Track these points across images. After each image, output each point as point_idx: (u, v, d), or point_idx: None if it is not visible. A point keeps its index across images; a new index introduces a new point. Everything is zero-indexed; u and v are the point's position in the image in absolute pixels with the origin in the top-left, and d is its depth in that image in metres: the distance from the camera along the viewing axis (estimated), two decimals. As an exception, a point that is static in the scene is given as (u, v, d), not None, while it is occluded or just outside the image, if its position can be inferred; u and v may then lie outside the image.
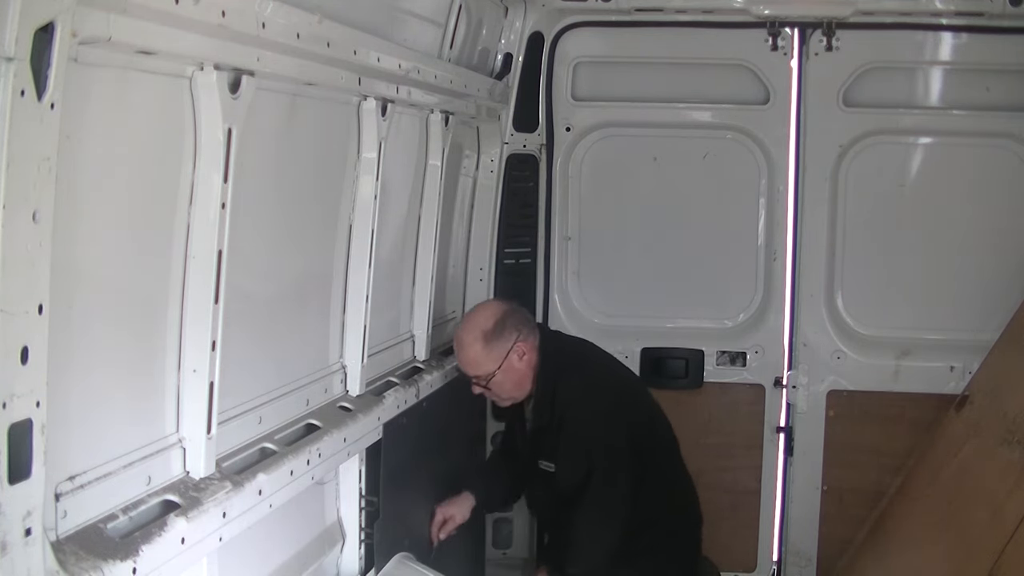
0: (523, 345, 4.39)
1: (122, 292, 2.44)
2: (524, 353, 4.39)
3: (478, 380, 4.40)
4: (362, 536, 3.87)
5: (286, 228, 3.31)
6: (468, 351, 4.37)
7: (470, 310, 4.73)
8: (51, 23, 1.80)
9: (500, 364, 4.33)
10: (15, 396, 1.84)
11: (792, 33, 5.31)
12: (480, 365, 4.36)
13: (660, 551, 4.47)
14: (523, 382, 4.43)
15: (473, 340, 4.36)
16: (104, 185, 2.30)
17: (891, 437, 5.43)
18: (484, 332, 4.35)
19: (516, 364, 4.38)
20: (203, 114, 2.56)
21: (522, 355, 4.38)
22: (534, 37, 5.34)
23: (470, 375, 4.42)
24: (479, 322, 4.41)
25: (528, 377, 4.43)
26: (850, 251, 5.47)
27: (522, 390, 4.47)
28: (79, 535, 2.24)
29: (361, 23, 3.30)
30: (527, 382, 4.44)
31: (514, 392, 4.46)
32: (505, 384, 4.40)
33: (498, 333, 4.35)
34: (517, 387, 4.45)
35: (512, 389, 4.44)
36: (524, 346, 4.39)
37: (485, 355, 4.34)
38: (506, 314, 4.43)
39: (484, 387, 4.41)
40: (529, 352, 4.41)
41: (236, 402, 2.99)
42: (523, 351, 4.39)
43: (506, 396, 4.48)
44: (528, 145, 5.47)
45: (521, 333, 4.40)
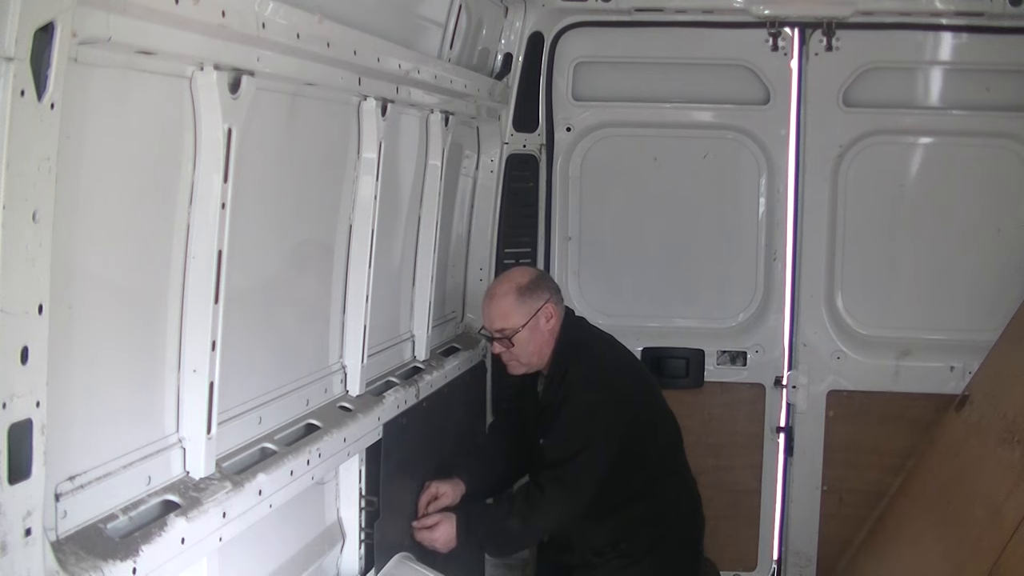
0: (552, 308, 4.38)
1: (122, 292, 2.44)
2: (552, 316, 4.37)
3: (503, 333, 4.34)
4: (362, 536, 3.87)
5: (286, 228, 3.31)
6: (500, 302, 4.35)
7: (504, 271, 4.76)
8: (51, 23, 1.80)
9: (528, 320, 4.30)
10: (15, 396, 1.84)
11: (792, 33, 5.31)
12: (508, 317, 4.33)
13: (662, 549, 4.45)
14: (543, 348, 4.39)
15: (507, 291, 4.36)
16: (104, 185, 2.31)
17: (891, 437, 5.43)
18: (519, 286, 4.36)
19: (543, 325, 4.35)
20: (203, 114, 2.56)
21: (549, 317, 4.36)
22: (534, 37, 5.34)
23: (495, 329, 4.36)
24: (514, 277, 4.45)
25: (549, 345, 4.39)
26: (850, 251, 5.47)
27: (540, 357, 4.41)
28: (79, 535, 2.24)
29: (361, 23, 3.30)
30: (547, 349, 4.40)
31: (533, 357, 4.40)
32: (528, 345, 4.35)
33: (532, 290, 4.36)
34: (537, 351, 4.39)
35: (532, 353, 4.39)
36: (553, 309, 4.38)
37: (516, 308, 4.32)
38: (541, 276, 4.51)
39: (507, 344, 4.35)
40: (555, 318, 4.39)
41: (236, 402, 2.99)
42: (551, 313, 4.37)
43: (525, 359, 4.41)
44: (528, 145, 5.47)
45: (552, 297, 4.41)
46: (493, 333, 4.39)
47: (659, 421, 4.57)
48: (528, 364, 4.44)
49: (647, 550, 4.40)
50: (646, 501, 4.41)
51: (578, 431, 4.26)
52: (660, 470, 4.50)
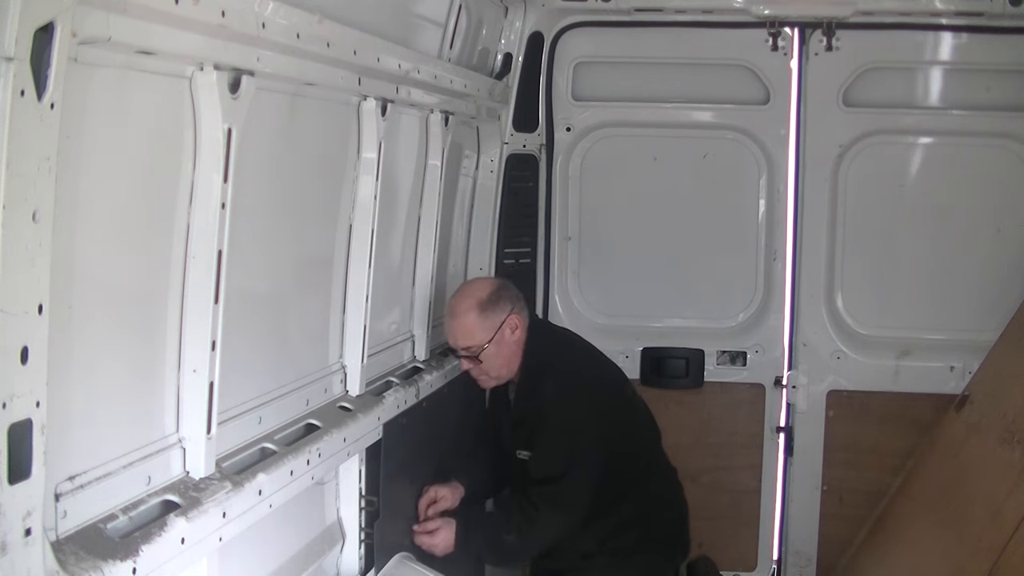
0: (516, 319, 4.33)
1: (122, 292, 2.44)
2: (516, 327, 4.33)
3: (470, 351, 4.30)
4: (362, 536, 3.87)
5: (286, 228, 3.31)
6: (463, 320, 4.29)
7: (464, 283, 4.71)
8: (51, 23, 1.80)
9: (493, 335, 4.26)
10: (15, 396, 1.84)
11: (792, 33, 5.31)
12: (473, 335, 4.28)
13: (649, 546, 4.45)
14: (512, 359, 4.36)
15: (468, 308, 4.29)
16: (104, 185, 2.30)
17: (891, 437, 5.43)
18: (480, 301, 4.29)
19: (508, 337, 4.31)
20: (203, 114, 2.56)
21: (514, 328, 4.32)
22: (534, 37, 5.34)
23: (461, 347, 4.33)
24: (474, 292, 4.36)
25: (516, 356, 4.36)
26: (850, 251, 5.47)
27: (510, 368, 4.39)
28: (79, 535, 2.24)
29: (361, 23, 3.30)
30: (516, 360, 4.37)
31: (502, 369, 4.38)
32: (495, 359, 4.32)
33: (493, 303, 4.29)
34: (506, 363, 4.36)
35: (501, 365, 4.36)
36: (517, 320, 4.33)
37: (479, 324, 4.27)
38: (501, 287, 4.41)
39: (475, 360, 4.32)
40: (521, 328, 4.35)
41: (236, 402, 2.99)
42: (516, 324, 4.33)
43: (494, 373, 4.39)
44: (528, 145, 5.47)
45: (515, 307, 4.36)
46: (460, 351, 4.36)
47: (638, 420, 4.58)
48: (498, 377, 4.43)
49: (634, 548, 4.41)
50: (632, 501, 4.41)
51: (564, 447, 4.25)
52: (644, 469, 4.51)
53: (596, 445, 4.25)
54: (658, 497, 4.54)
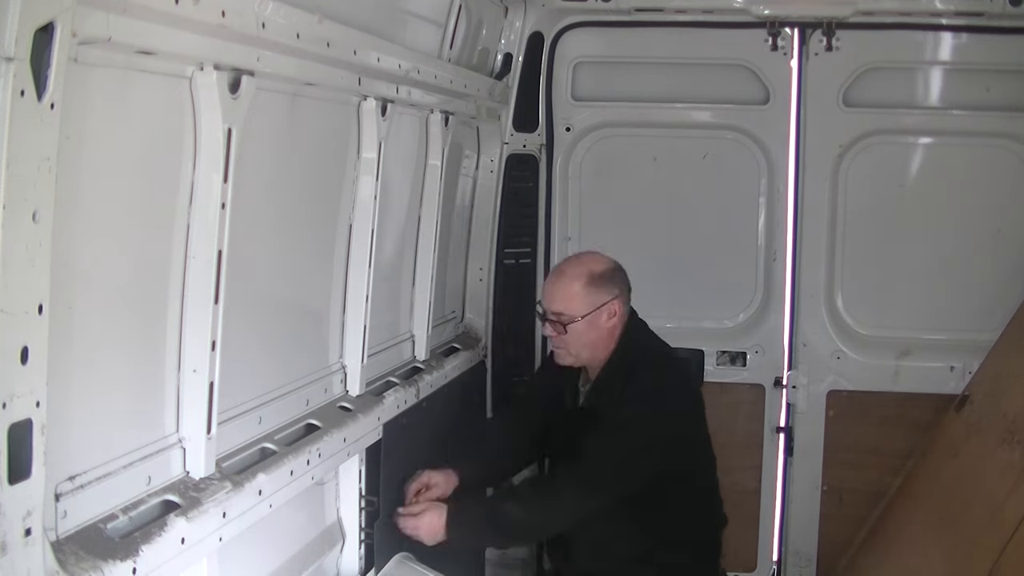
0: (618, 306, 4.09)
1: (122, 292, 2.44)
2: (615, 315, 4.09)
3: (559, 318, 4.05)
4: (362, 536, 3.87)
5: (286, 228, 3.31)
6: (567, 285, 4.06)
7: (581, 252, 4.48)
8: (51, 23, 1.80)
9: (590, 312, 4.02)
10: (15, 396, 1.84)
11: (792, 33, 5.30)
12: (571, 303, 4.04)
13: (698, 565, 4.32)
14: (597, 345, 4.11)
15: (578, 275, 4.07)
16: (104, 185, 2.30)
17: (891, 437, 5.43)
18: (592, 273, 4.07)
19: (603, 322, 4.07)
20: (203, 114, 2.56)
21: (612, 315, 4.08)
22: (534, 37, 5.34)
23: (553, 311, 4.07)
24: (590, 263, 4.14)
25: (604, 343, 4.11)
26: (850, 251, 5.47)
27: (592, 353, 4.13)
28: (79, 535, 2.24)
29: (361, 23, 3.30)
30: (601, 348, 4.11)
31: (583, 351, 4.12)
32: (582, 337, 4.06)
33: (604, 281, 4.07)
34: (590, 346, 4.11)
35: (584, 346, 4.10)
36: (618, 307, 4.09)
37: (582, 296, 4.03)
38: (617, 269, 4.18)
39: (560, 330, 4.06)
40: (619, 317, 4.11)
41: (236, 402, 2.99)
42: (615, 311, 4.08)
43: (574, 351, 4.12)
44: (528, 145, 5.47)
45: (622, 296, 4.12)
46: (549, 314, 4.10)
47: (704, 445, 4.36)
48: (577, 357, 4.16)
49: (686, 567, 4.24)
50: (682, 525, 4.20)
51: (621, 440, 3.98)
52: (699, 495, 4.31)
53: (651, 450, 3.99)
54: (705, 522, 4.37)
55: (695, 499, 4.27)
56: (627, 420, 4.01)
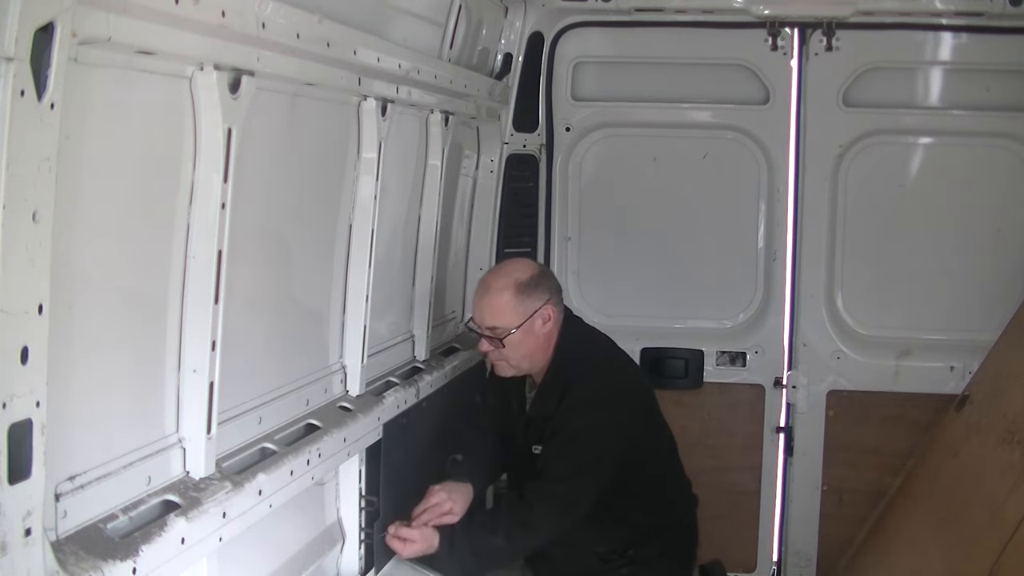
0: (551, 310, 4.06)
1: (122, 292, 2.44)
2: (549, 319, 4.06)
3: (494, 333, 4.01)
4: (362, 536, 3.87)
5: (286, 228, 3.31)
6: (495, 298, 4.01)
7: (503, 261, 4.45)
8: (51, 23, 1.80)
9: (523, 321, 3.99)
10: (15, 396, 1.84)
11: (792, 33, 5.30)
12: (503, 316, 4.00)
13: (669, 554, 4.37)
14: (536, 352, 4.09)
15: (504, 287, 4.01)
16: (104, 185, 2.31)
17: (891, 437, 5.43)
18: (518, 282, 4.02)
19: (538, 328, 4.03)
20: (203, 114, 2.56)
21: (547, 320, 4.05)
22: (534, 37, 5.34)
23: (486, 326, 4.04)
24: (514, 271, 4.09)
25: (543, 349, 4.10)
26: (850, 251, 5.47)
27: (532, 362, 4.12)
28: (79, 535, 2.24)
29: (361, 23, 3.30)
30: (540, 354, 4.10)
31: (523, 361, 4.10)
32: (520, 348, 4.03)
33: (531, 288, 4.02)
34: (529, 356, 4.09)
35: (524, 356, 4.08)
36: (552, 311, 4.06)
37: (512, 307, 3.99)
38: (542, 273, 4.15)
39: (497, 344, 4.03)
40: (554, 322, 4.08)
41: (236, 402, 2.99)
42: (549, 316, 4.05)
43: (514, 363, 4.10)
44: (528, 145, 5.47)
45: (552, 297, 4.08)
46: (483, 330, 4.06)
47: (659, 432, 4.43)
48: (517, 367, 4.14)
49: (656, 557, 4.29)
50: (652, 511, 4.27)
51: (577, 451, 4.01)
52: (663, 479, 4.39)
53: (609, 457, 4.03)
54: (675, 506, 4.44)
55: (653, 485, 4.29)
56: (578, 432, 4.01)
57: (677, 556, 4.46)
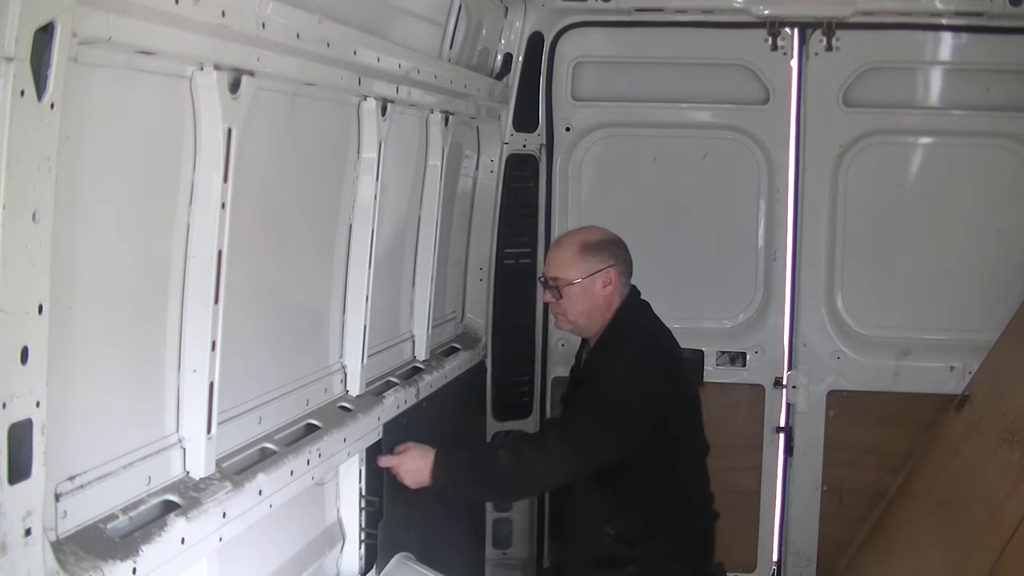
0: (613, 275, 4.25)
1: (122, 292, 2.44)
2: (609, 283, 4.25)
3: (555, 282, 4.27)
4: (362, 536, 3.86)
5: (286, 228, 3.31)
6: (563, 251, 4.32)
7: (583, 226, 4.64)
8: (51, 23, 1.80)
9: (583, 277, 4.22)
10: (15, 396, 1.84)
11: (792, 33, 5.30)
12: (565, 268, 4.26)
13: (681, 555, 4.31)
14: (593, 312, 4.27)
15: (572, 243, 4.32)
16: (104, 185, 2.30)
17: (891, 437, 5.43)
18: (586, 242, 4.28)
19: (596, 289, 4.24)
20: (203, 114, 2.56)
21: (606, 284, 4.25)
22: (534, 37, 5.34)
23: (550, 275, 4.30)
24: (586, 233, 4.38)
25: (601, 312, 4.27)
26: (850, 251, 5.47)
27: (589, 321, 4.29)
28: (79, 535, 2.24)
29: (361, 23, 3.30)
30: (597, 316, 4.28)
31: (580, 317, 4.28)
32: (576, 302, 4.25)
33: (597, 250, 4.26)
34: (586, 313, 4.27)
35: (580, 312, 4.27)
36: (613, 277, 4.25)
37: (575, 261, 4.24)
38: (613, 242, 4.34)
39: (556, 295, 4.27)
40: (614, 289, 4.27)
41: (236, 402, 2.99)
42: (609, 281, 4.25)
43: (571, 316, 4.29)
44: (528, 145, 5.47)
45: (618, 267, 4.28)
46: (548, 279, 4.32)
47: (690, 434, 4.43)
48: (574, 323, 4.33)
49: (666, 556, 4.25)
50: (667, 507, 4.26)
51: (600, 395, 4.11)
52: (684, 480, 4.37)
53: (632, 416, 4.08)
54: (692, 511, 4.41)
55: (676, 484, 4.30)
56: (606, 382, 4.14)
57: (690, 557, 4.40)
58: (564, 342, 5.70)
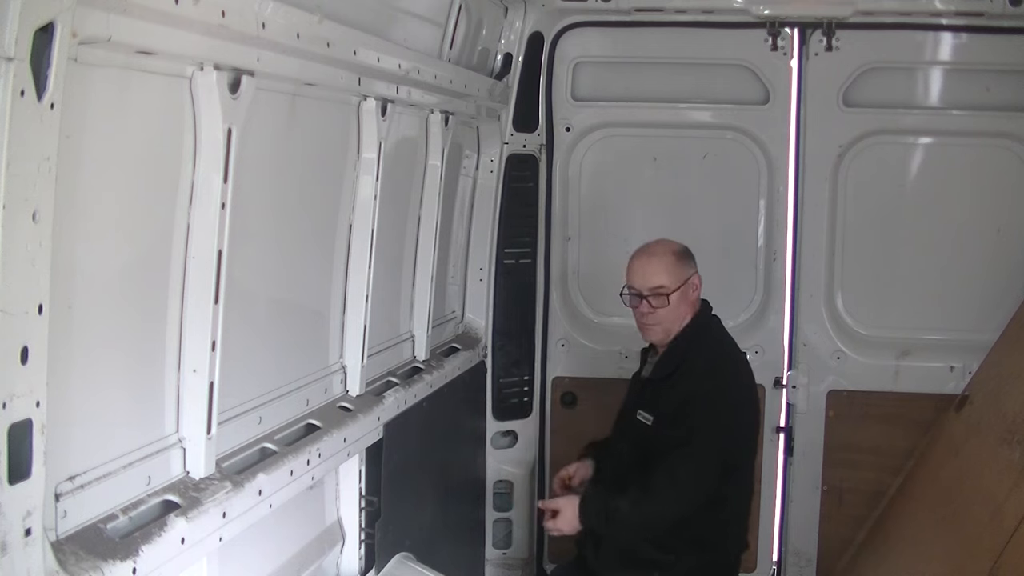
0: (698, 280, 4.37)
1: (122, 292, 2.44)
2: (696, 288, 4.36)
3: (660, 291, 4.26)
4: (362, 536, 3.87)
5: (286, 228, 3.31)
6: (661, 259, 4.33)
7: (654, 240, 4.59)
8: (51, 23, 1.81)
9: (681, 284, 4.28)
10: (15, 396, 1.84)
11: (792, 33, 5.31)
12: (667, 276, 4.28)
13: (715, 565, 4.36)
14: (683, 318, 4.33)
15: (666, 252, 4.35)
16: (104, 185, 2.31)
17: (891, 437, 5.43)
18: (676, 250, 4.36)
19: (690, 294, 4.33)
20: (203, 114, 2.56)
21: (695, 288, 4.35)
22: (534, 37, 5.34)
23: (652, 286, 4.27)
24: (669, 243, 4.42)
25: (686, 317, 4.33)
26: (850, 251, 5.47)
27: (680, 325, 4.33)
28: (79, 535, 2.24)
29: (361, 23, 3.30)
30: (683, 322, 4.33)
31: (674, 324, 4.32)
32: (676, 309, 4.29)
33: (686, 257, 4.37)
34: (679, 319, 4.32)
35: (676, 319, 4.31)
36: (698, 281, 4.37)
37: (674, 268, 4.30)
38: (689, 252, 4.43)
39: (663, 303, 4.26)
40: (698, 291, 4.38)
41: (236, 402, 2.99)
42: (696, 285, 4.36)
43: (667, 323, 4.30)
44: (528, 145, 5.47)
45: (697, 271, 4.39)
46: (646, 291, 4.28)
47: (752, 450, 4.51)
48: (668, 330, 4.34)
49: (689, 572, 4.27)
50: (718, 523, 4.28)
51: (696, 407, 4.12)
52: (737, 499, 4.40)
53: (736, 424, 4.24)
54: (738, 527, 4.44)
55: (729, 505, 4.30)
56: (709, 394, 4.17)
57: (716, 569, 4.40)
58: (564, 342, 5.70)
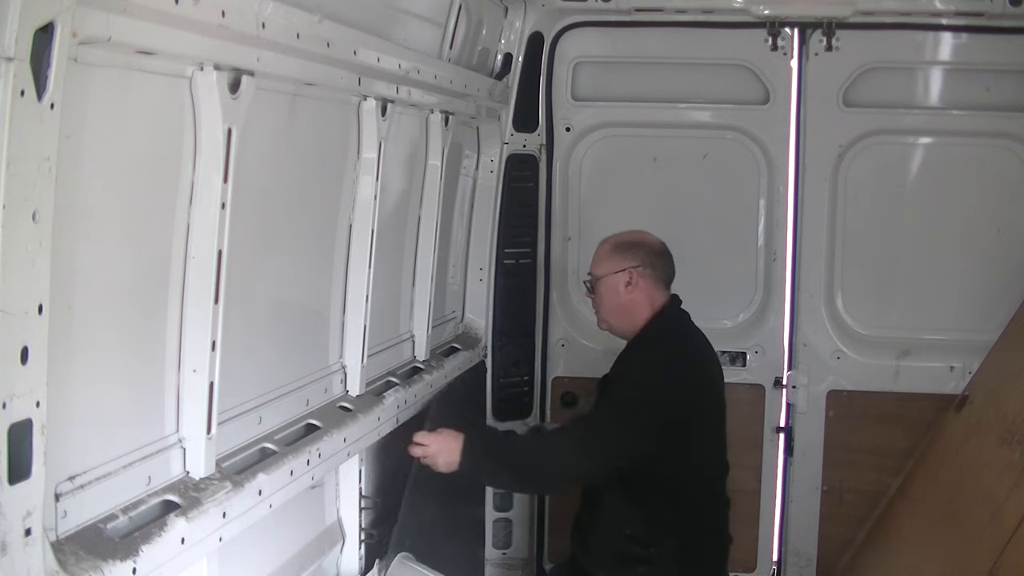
0: (636, 276, 4.32)
1: (122, 292, 2.44)
2: (631, 283, 4.32)
3: (589, 277, 4.49)
4: (362, 536, 3.87)
5: (286, 228, 3.31)
6: (600, 248, 4.49)
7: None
8: (51, 23, 1.80)
9: (608, 274, 4.35)
10: (15, 396, 1.84)
11: (792, 33, 5.31)
12: (598, 264, 4.44)
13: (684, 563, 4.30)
14: (620, 313, 4.38)
15: (608, 241, 4.47)
16: (104, 185, 2.30)
17: (891, 437, 5.43)
18: (618, 241, 4.43)
19: (619, 287, 4.34)
20: (203, 114, 2.56)
21: (628, 283, 4.33)
22: (534, 37, 5.34)
23: (588, 271, 4.52)
24: (626, 234, 4.49)
25: (628, 313, 4.36)
26: (850, 251, 5.47)
27: (618, 321, 4.40)
28: (79, 535, 2.24)
29: (361, 23, 3.30)
30: (625, 317, 4.37)
31: (608, 315, 4.42)
32: (605, 299, 4.40)
33: (625, 249, 4.38)
34: (614, 313, 4.40)
35: (610, 312, 4.41)
36: (637, 278, 4.32)
37: (604, 258, 4.41)
38: (646, 247, 4.40)
39: (589, 289, 4.49)
40: (639, 290, 4.34)
41: (236, 402, 2.99)
42: (632, 280, 4.32)
43: (603, 315, 4.44)
44: (528, 145, 5.47)
45: (644, 270, 4.34)
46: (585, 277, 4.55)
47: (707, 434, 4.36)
48: (607, 322, 4.46)
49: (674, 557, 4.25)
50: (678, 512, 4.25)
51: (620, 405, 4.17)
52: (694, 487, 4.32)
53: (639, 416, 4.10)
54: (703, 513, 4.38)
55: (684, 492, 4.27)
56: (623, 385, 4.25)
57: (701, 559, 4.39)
58: (564, 342, 5.71)
